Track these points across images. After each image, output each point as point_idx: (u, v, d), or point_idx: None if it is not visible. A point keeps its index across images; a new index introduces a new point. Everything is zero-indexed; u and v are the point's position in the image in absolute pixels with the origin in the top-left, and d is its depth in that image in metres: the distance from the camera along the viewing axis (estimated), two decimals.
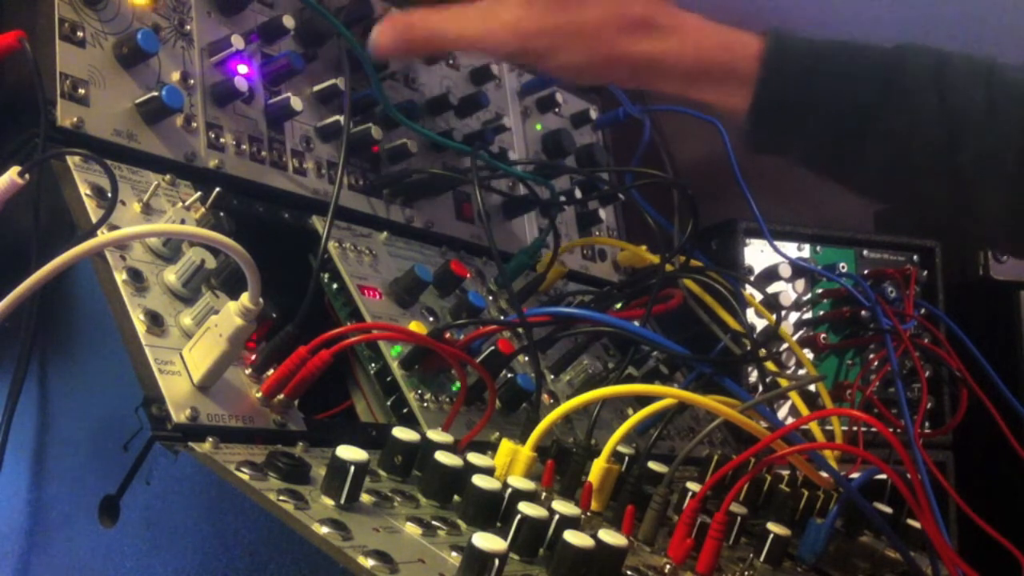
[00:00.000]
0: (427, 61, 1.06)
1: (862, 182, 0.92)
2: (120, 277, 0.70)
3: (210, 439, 0.65)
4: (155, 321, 0.69)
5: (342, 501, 0.62)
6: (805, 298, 1.32)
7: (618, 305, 1.03)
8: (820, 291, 1.32)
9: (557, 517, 0.66)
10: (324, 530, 0.58)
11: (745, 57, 0.91)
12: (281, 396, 0.71)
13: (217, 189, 0.77)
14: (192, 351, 0.68)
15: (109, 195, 0.71)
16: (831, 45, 0.91)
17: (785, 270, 1.29)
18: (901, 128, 0.88)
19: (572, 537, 0.62)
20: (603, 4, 0.90)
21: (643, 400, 0.92)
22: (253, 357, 0.73)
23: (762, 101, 0.90)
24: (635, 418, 0.83)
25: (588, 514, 0.79)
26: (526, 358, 0.93)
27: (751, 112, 0.91)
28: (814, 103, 0.90)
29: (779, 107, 0.90)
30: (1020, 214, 0.89)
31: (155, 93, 0.79)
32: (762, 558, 0.84)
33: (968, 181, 0.88)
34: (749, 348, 1.01)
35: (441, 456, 0.69)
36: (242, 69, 0.87)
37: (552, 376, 0.98)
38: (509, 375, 0.90)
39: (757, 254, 1.30)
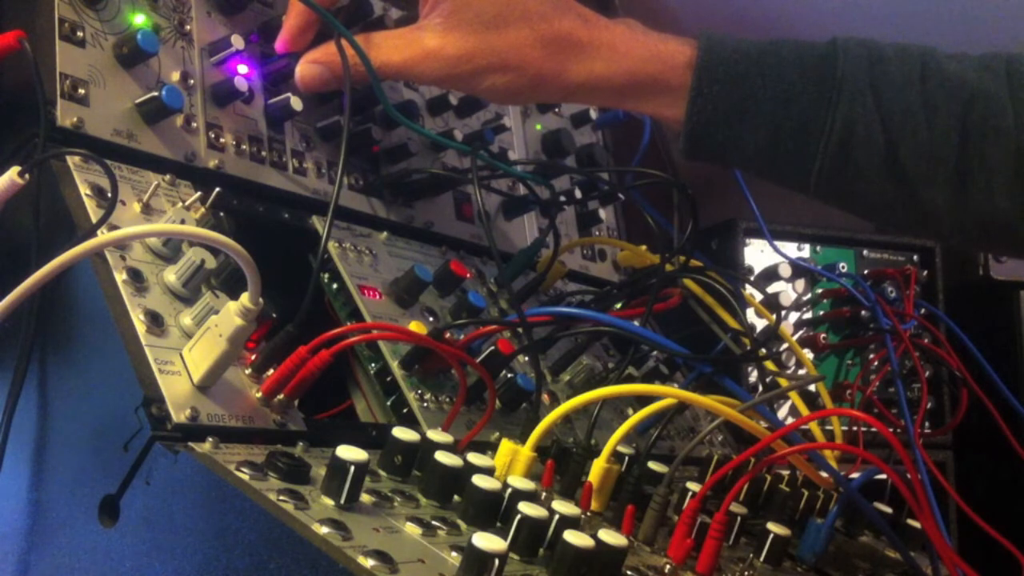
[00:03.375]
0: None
1: (806, 186, 0.91)
2: (120, 277, 0.70)
3: (210, 439, 0.65)
4: (155, 321, 0.69)
5: (342, 501, 0.62)
6: (805, 298, 1.32)
7: (618, 305, 1.03)
8: (820, 291, 1.32)
9: (557, 517, 0.66)
10: (324, 530, 0.58)
11: (676, 67, 0.89)
12: (281, 396, 0.71)
13: (217, 189, 0.77)
14: (192, 351, 0.68)
15: (109, 195, 0.71)
16: (763, 47, 0.90)
17: (785, 270, 1.29)
18: (838, 130, 0.87)
19: (572, 537, 0.62)
20: (524, 25, 0.88)
21: (643, 400, 0.92)
22: (253, 357, 0.73)
23: (695, 111, 0.89)
24: (635, 418, 0.83)
25: (588, 514, 0.79)
26: (526, 358, 0.93)
27: (686, 123, 0.89)
28: (747, 110, 0.88)
29: (712, 116, 0.89)
30: (964, 211, 0.88)
31: (155, 93, 0.79)
32: (762, 558, 0.84)
33: (910, 180, 0.87)
34: (749, 348, 1.01)
35: (441, 456, 0.69)
36: (242, 69, 0.87)
37: (552, 376, 0.98)
38: (509, 375, 0.90)
39: (757, 254, 1.30)
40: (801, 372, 1.25)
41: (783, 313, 1.29)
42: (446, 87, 1.02)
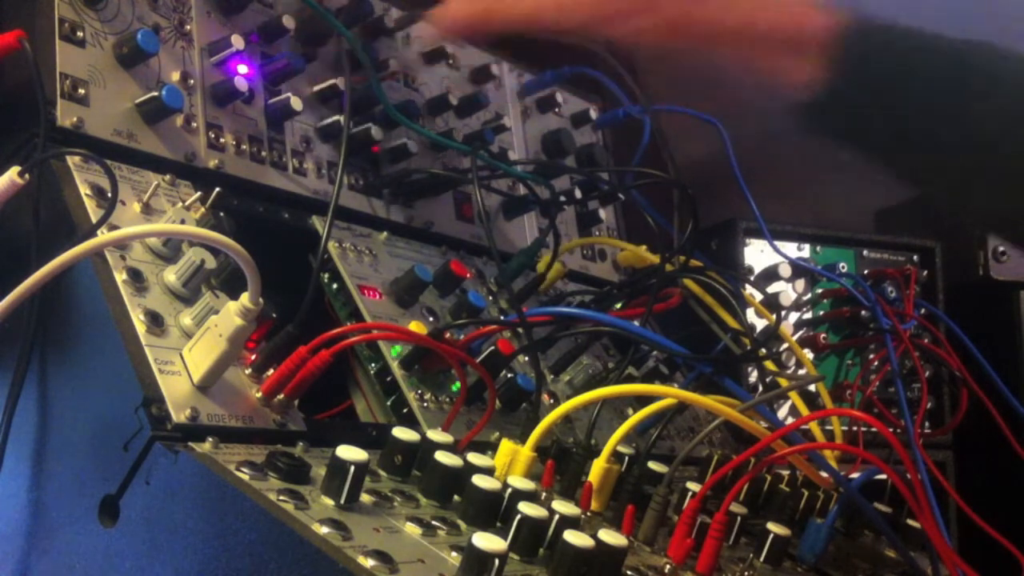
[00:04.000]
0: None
1: (912, 172, 0.91)
2: (120, 277, 0.70)
3: (210, 439, 0.65)
4: (155, 321, 0.69)
5: (342, 501, 0.62)
6: (805, 298, 1.32)
7: (618, 305, 1.03)
8: (820, 291, 1.32)
9: (557, 517, 0.66)
10: (324, 530, 0.58)
11: (818, 30, 0.87)
12: (281, 396, 0.71)
13: (217, 189, 0.77)
14: (192, 351, 0.68)
15: (109, 195, 0.71)
16: (906, 32, 0.88)
17: (785, 270, 1.29)
18: (966, 126, 0.86)
19: (572, 537, 0.62)
20: None
21: (643, 400, 0.92)
22: (253, 357, 0.73)
23: (842, 81, 0.86)
24: (635, 418, 0.83)
25: (588, 514, 0.80)
26: (526, 358, 0.93)
27: (829, 91, 0.87)
28: (891, 89, 0.86)
29: (857, 90, 0.87)
30: None
31: (155, 93, 0.79)
32: (762, 558, 0.84)
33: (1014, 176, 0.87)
34: (749, 348, 1.01)
35: (441, 456, 0.69)
36: (242, 69, 0.87)
37: (552, 376, 0.98)
38: (509, 375, 0.90)
39: (757, 254, 1.30)
40: (801, 372, 1.25)
41: (783, 313, 1.29)
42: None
